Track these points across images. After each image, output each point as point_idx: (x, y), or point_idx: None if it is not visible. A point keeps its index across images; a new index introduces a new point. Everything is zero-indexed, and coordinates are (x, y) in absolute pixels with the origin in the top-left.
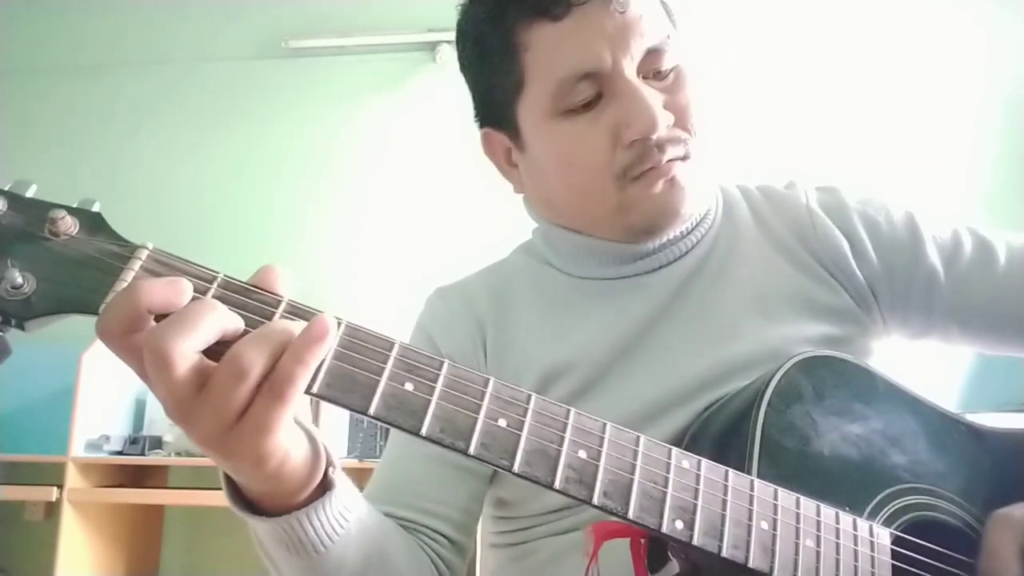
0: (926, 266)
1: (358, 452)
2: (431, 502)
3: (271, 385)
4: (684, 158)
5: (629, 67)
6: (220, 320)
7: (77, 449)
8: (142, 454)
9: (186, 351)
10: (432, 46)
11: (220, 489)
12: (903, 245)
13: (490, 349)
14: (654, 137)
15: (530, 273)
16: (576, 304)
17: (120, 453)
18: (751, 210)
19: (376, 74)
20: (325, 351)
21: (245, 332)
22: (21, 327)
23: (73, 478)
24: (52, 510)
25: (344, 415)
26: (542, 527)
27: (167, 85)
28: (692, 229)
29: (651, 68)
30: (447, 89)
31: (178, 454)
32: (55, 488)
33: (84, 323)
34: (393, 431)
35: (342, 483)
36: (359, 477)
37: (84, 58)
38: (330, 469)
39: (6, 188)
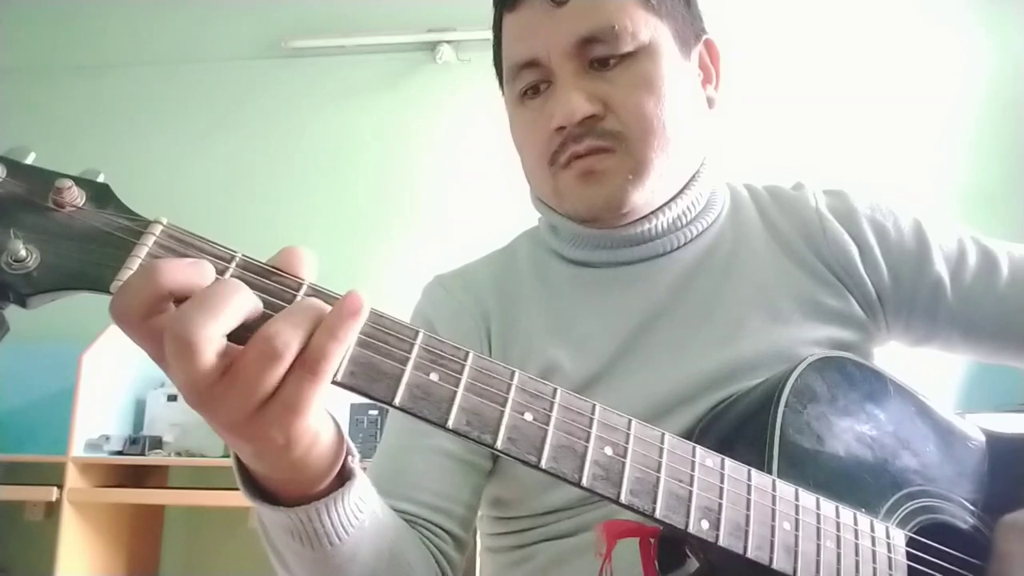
0: (932, 275)
1: (358, 452)
2: (435, 496)
3: (304, 362)
4: (610, 150)
5: (559, 57)
6: (246, 302)
7: (77, 449)
8: (142, 454)
9: (213, 335)
10: (432, 46)
11: (220, 489)
12: (911, 253)
13: (495, 340)
14: (570, 126)
15: (533, 261)
16: (577, 295)
17: (120, 453)
18: (759, 210)
19: (376, 74)
20: (359, 327)
21: (265, 315)
22: (23, 303)
23: (73, 478)
24: (52, 510)
25: (344, 414)
26: (542, 529)
27: (167, 85)
28: (694, 218)
29: (590, 57)
30: (447, 89)
31: (178, 454)
32: (55, 488)
33: (84, 323)
34: (389, 421)
35: (360, 473)
36: None
37: (84, 58)
38: (349, 458)
39: (3, 154)
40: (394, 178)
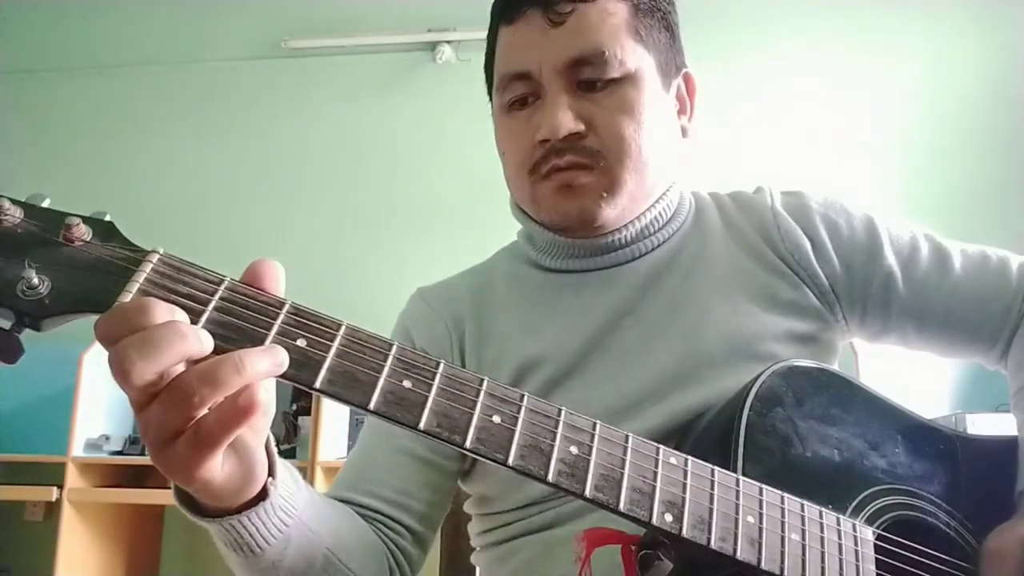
0: (884, 268)
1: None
2: (394, 492)
3: (194, 437)
4: (588, 167)
5: (550, 73)
6: (185, 349)
7: (77, 449)
8: (142, 454)
9: (143, 372)
10: (432, 46)
11: None
12: (862, 247)
13: (468, 344)
14: (554, 140)
15: (510, 272)
16: (549, 298)
17: (120, 453)
18: (720, 213)
19: (376, 74)
20: (248, 422)
21: (256, 334)
22: (36, 327)
23: (73, 478)
24: (52, 510)
25: (344, 415)
26: (523, 522)
27: (167, 85)
28: (661, 227)
29: (579, 78)
30: (447, 89)
31: None
32: (55, 488)
33: (84, 323)
34: (365, 423)
35: (284, 492)
36: None
37: (84, 58)
38: (269, 480)
39: (22, 199)
40: (394, 178)
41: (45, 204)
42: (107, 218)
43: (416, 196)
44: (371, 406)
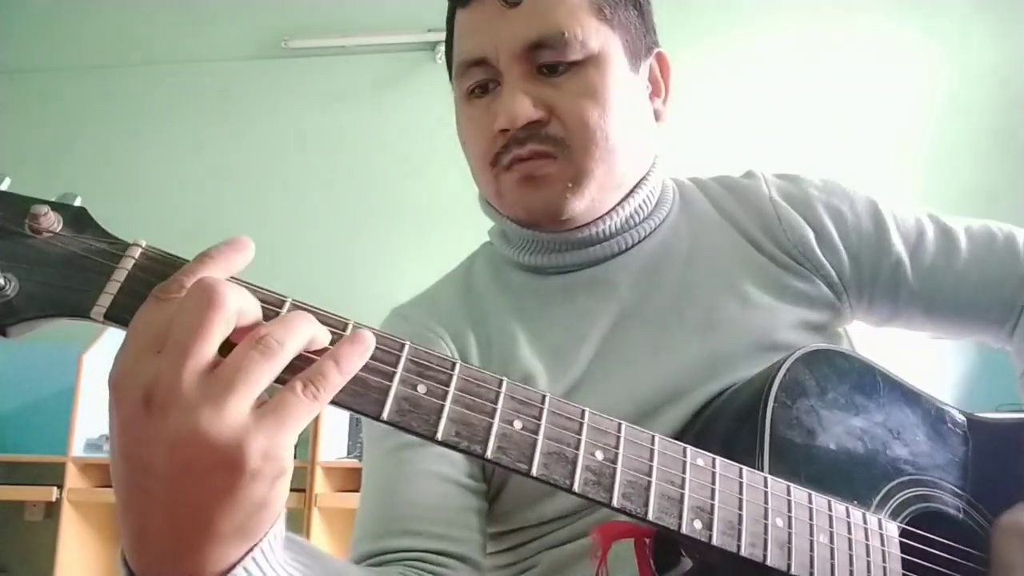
0: (892, 256)
1: (358, 452)
2: (438, 524)
3: (308, 382)
4: (551, 156)
5: (507, 58)
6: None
7: (77, 449)
8: None
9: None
10: (432, 46)
11: None
12: (868, 235)
13: (473, 353)
14: (514, 129)
15: (492, 276)
16: (542, 306)
17: None
18: (712, 202)
19: (376, 74)
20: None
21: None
22: (3, 333)
23: (73, 478)
24: (52, 510)
25: (344, 414)
26: (539, 540)
27: (167, 85)
28: (647, 216)
29: (539, 62)
30: (447, 89)
31: None
32: (55, 488)
33: (84, 323)
34: (368, 461)
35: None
36: (359, 477)
37: (84, 58)
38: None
39: None
40: (394, 178)
41: (4, 186)
42: (77, 202)
43: (416, 196)
44: (384, 416)
